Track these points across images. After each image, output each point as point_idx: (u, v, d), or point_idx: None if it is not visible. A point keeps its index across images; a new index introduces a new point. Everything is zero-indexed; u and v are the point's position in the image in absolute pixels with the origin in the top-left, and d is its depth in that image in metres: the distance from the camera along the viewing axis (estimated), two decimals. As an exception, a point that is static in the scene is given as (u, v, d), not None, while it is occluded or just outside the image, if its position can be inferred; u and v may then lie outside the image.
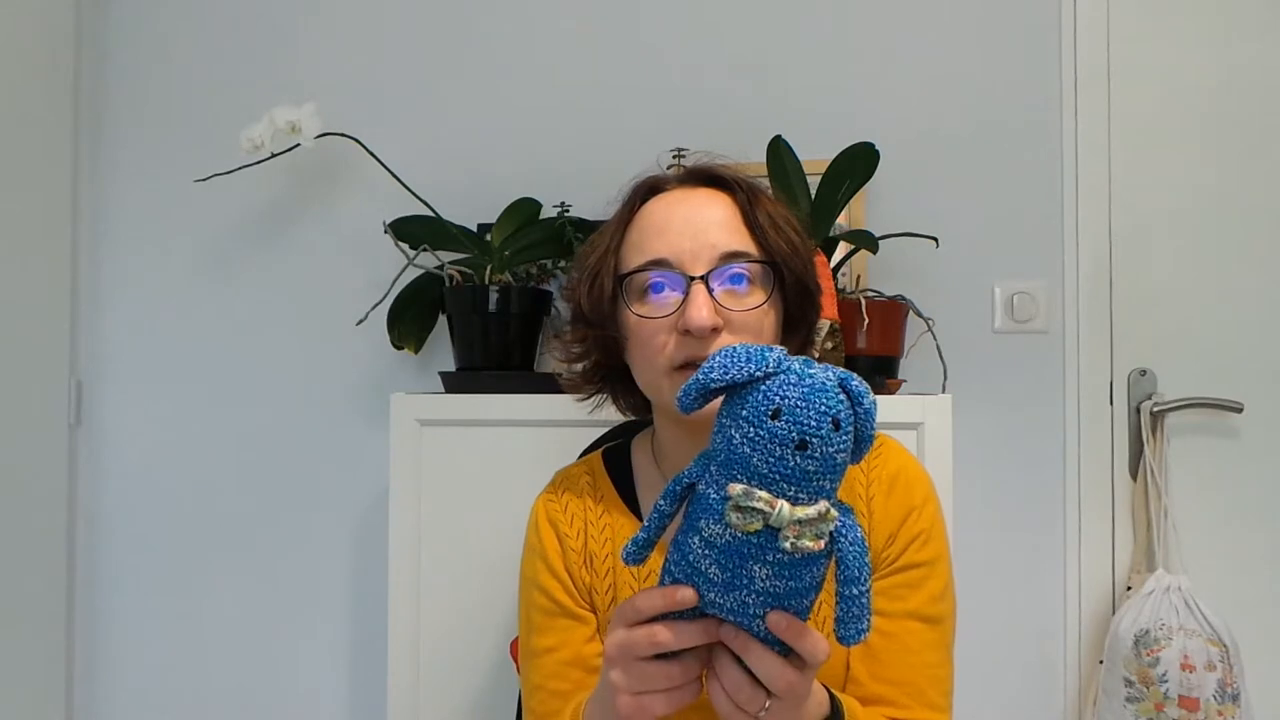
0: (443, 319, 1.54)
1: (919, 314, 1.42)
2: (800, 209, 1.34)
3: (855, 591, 0.62)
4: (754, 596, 0.62)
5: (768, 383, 0.60)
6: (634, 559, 0.67)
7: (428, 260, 1.48)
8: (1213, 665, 1.40)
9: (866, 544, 0.63)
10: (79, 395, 1.78)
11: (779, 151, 1.41)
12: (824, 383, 0.60)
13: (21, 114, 1.66)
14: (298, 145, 1.51)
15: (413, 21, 1.73)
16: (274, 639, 1.73)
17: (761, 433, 0.59)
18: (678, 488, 0.66)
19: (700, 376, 0.62)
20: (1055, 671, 1.59)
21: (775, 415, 0.59)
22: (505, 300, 1.41)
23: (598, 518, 0.93)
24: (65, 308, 1.76)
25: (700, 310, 0.79)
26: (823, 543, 0.60)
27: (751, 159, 1.31)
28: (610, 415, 1.00)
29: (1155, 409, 1.57)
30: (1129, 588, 1.53)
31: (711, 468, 0.63)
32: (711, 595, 0.63)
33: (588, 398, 0.96)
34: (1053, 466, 1.59)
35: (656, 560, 0.89)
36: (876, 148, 1.39)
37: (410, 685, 1.33)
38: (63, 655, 1.74)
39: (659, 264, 0.83)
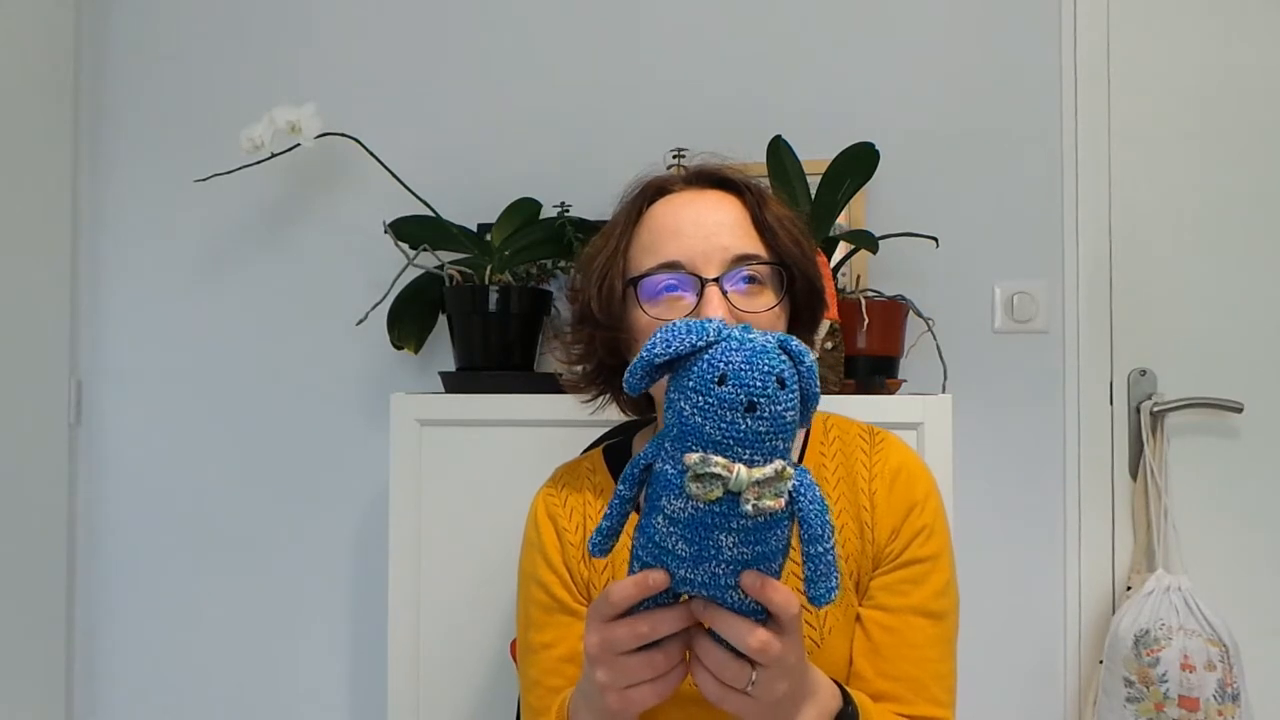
0: (443, 319, 1.54)
1: (919, 314, 1.42)
2: (800, 209, 1.34)
3: (820, 549, 0.62)
4: (723, 566, 0.62)
5: (710, 351, 0.61)
6: (599, 549, 0.67)
7: (428, 260, 1.48)
8: (1213, 665, 1.40)
9: (827, 503, 0.63)
10: (79, 395, 1.78)
11: (779, 151, 1.41)
12: (764, 345, 0.61)
13: (21, 114, 1.66)
14: (298, 145, 1.51)
15: (413, 22, 1.73)
16: (274, 639, 1.73)
17: (710, 400, 0.60)
18: (635, 470, 0.66)
19: (644, 354, 0.62)
20: (1055, 671, 1.59)
21: (721, 381, 0.59)
22: (505, 300, 1.41)
23: (597, 512, 0.93)
24: (65, 308, 1.76)
25: (716, 312, 0.80)
26: (783, 501, 0.60)
27: (751, 159, 1.31)
28: (610, 415, 1.00)
29: (1155, 409, 1.57)
30: (1129, 588, 1.53)
31: (665, 444, 0.64)
32: (682, 572, 0.63)
33: (590, 399, 0.96)
34: (1053, 466, 1.59)
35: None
36: (876, 148, 1.40)
37: (410, 685, 1.33)
38: (63, 655, 1.74)
39: (672, 266, 0.83)
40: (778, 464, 0.60)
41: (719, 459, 0.59)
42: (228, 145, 1.54)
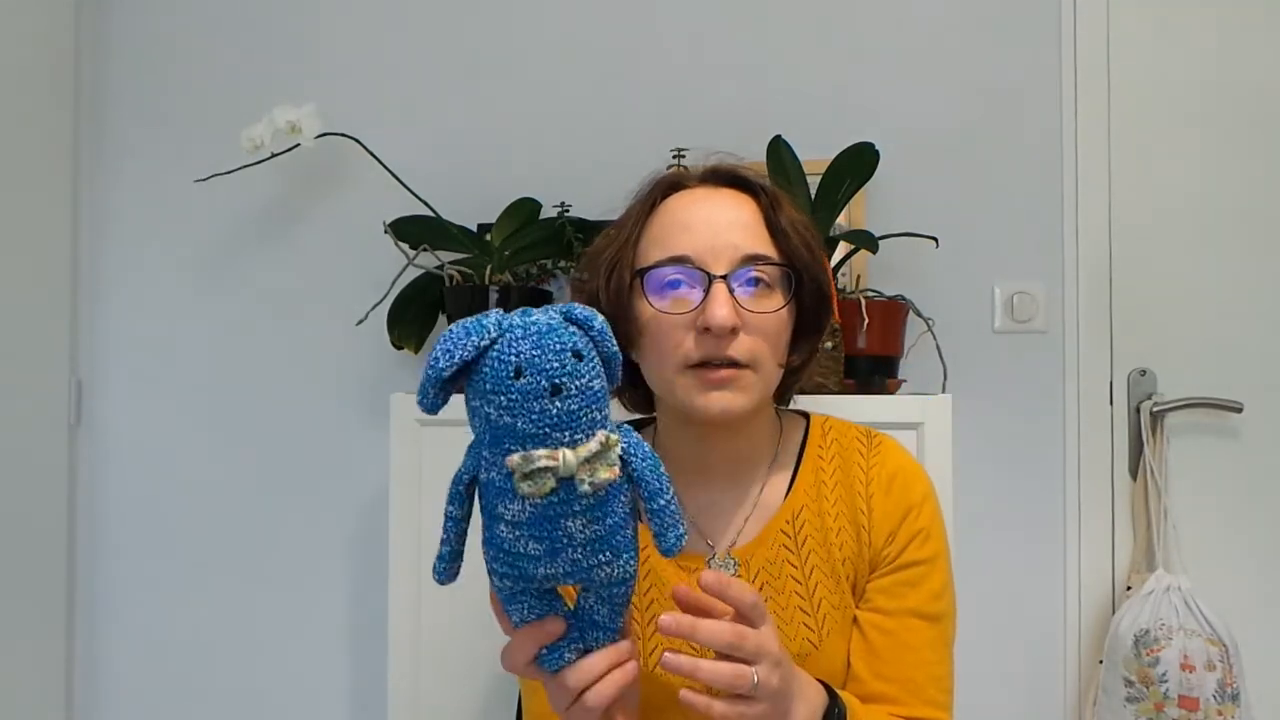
0: (443, 319, 1.54)
1: (919, 314, 1.42)
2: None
3: (662, 503, 0.63)
4: (580, 551, 0.62)
5: (496, 347, 0.59)
6: (446, 575, 0.67)
7: (428, 260, 1.48)
8: (1212, 665, 1.40)
9: (658, 456, 0.64)
10: (79, 395, 1.78)
11: (779, 151, 1.41)
12: (550, 323, 0.60)
13: (22, 114, 1.66)
14: (298, 145, 1.51)
15: (413, 22, 1.73)
16: (274, 639, 1.72)
17: (513, 396, 0.58)
18: (459, 487, 0.65)
19: (430, 371, 0.59)
20: (1055, 671, 1.58)
21: (518, 374, 0.58)
22: (505, 300, 1.41)
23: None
24: (65, 308, 1.76)
25: (721, 309, 0.79)
26: (617, 469, 0.60)
27: (752, 159, 1.30)
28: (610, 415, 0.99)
29: (1155, 409, 1.57)
30: (1129, 588, 1.53)
31: (483, 453, 0.62)
32: (542, 570, 0.63)
33: None
34: (1053, 466, 1.59)
35: (651, 561, 0.89)
36: (876, 148, 1.40)
37: (410, 685, 1.33)
38: (63, 655, 1.74)
39: (681, 260, 0.83)
40: (601, 435, 0.59)
41: (542, 452, 0.58)
42: (228, 145, 1.54)
